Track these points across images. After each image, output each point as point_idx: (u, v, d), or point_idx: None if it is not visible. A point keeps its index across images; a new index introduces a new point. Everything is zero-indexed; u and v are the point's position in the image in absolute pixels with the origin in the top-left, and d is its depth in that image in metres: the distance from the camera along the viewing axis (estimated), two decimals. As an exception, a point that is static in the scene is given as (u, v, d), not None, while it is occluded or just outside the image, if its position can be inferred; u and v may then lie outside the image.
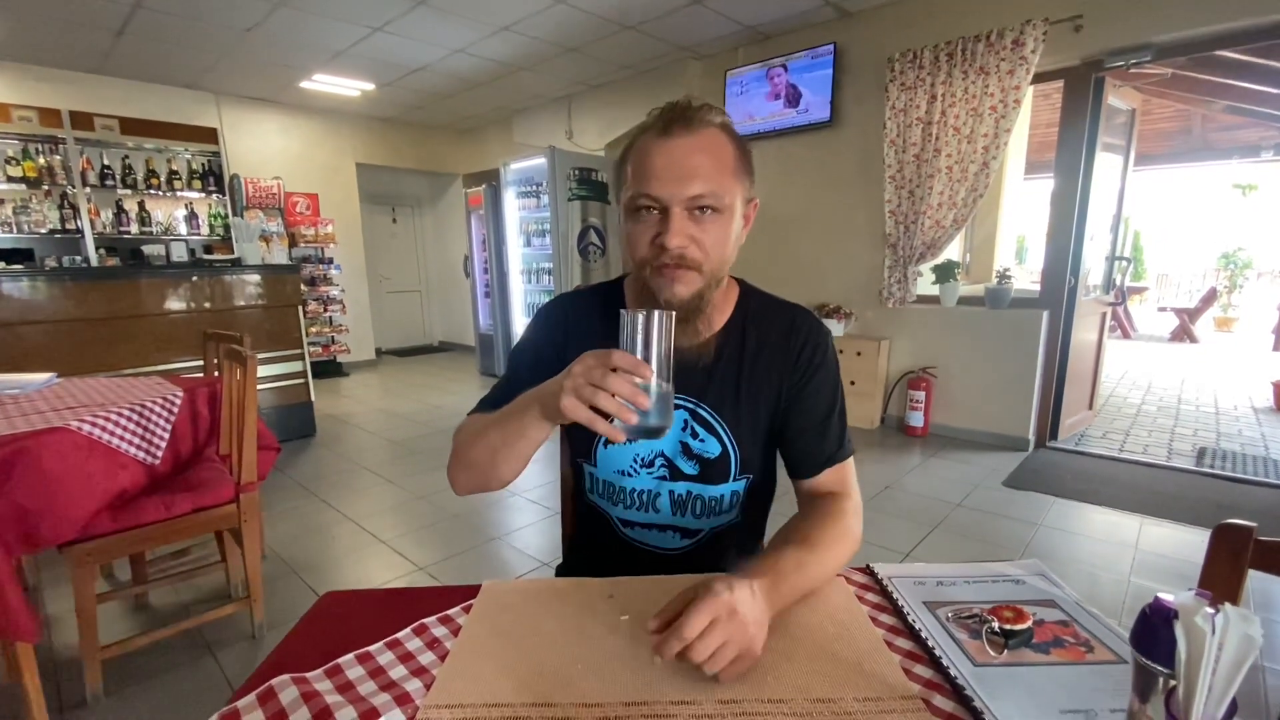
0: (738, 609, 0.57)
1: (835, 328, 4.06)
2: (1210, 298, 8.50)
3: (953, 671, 0.58)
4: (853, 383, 4.00)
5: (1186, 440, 3.77)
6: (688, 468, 0.90)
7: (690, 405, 0.89)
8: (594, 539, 1.00)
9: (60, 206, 4.64)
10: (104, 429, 1.54)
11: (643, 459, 0.91)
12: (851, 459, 0.91)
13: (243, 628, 1.89)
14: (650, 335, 0.62)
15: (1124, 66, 3.09)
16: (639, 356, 0.62)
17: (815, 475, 0.89)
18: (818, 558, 0.73)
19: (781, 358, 0.89)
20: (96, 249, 4.74)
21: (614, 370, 0.61)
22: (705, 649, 0.55)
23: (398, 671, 0.61)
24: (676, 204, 0.76)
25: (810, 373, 0.89)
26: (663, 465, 0.91)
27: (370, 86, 5.28)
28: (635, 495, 0.92)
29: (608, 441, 0.90)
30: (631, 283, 0.93)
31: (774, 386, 0.90)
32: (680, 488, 0.91)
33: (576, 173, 5.03)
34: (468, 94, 5.58)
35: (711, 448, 0.89)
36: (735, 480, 0.91)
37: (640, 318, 0.62)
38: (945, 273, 3.73)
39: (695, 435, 0.89)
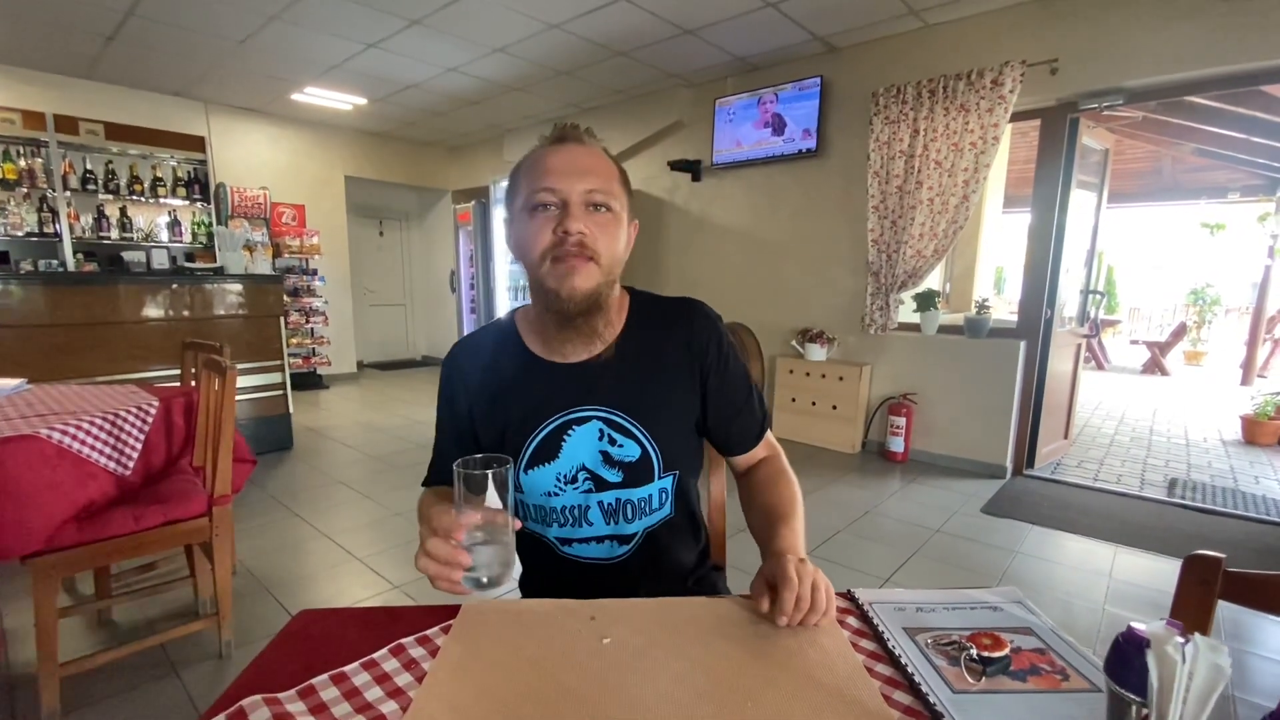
0: (805, 561, 0.73)
1: (817, 352, 4.10)
2: (1180, 332, 8.73)
3: (932, 698, 0.58)
4: (834, 407, 4.03)
5: (1158, 471, 3.85)
6: (611, 475, 0.91)
7: (603, 414, 0.90)
8: (537, 564, 1.00)
9: (39, 209, 4.56)
10: (74, 437, 1.50)
11: (565, 476, 0.91)
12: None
13: (209, 646, 1.83)
14: (472, 489, 0.67)
15: (1097, 109, 3.21)
16: (466, 510, 0.68)
17: (752, 449, 0.99)
18: (798, 515, 0.88)
19: (686, 355, 0.94)
20: (75, 253, 4.66)
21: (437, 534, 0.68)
22: (830, 601, 0.71)
23: (373, 693, 0.59)
24: (575, 195, 0.83)
25: (721, 363, 0.95)
26: (586, 479, 0.91)
27: (362, 101, 5.30)
28: (565, 513, 0.93)
29: (528, 465, 0.91)
30: (523, 313, 0.98)
31: (684, 381, 0.94)
32: (608, 496, 0.92)
33: (566, 192, 5.05)
34: (459, 112, 5.62)
35: (631, 451, 0.90)
36: (661, 478, 0.93)
37: (463, 475, 0.67)
38: (926, 301, 3.80)
39: (613, 442, 0.90)
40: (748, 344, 4.34)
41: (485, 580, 0.69)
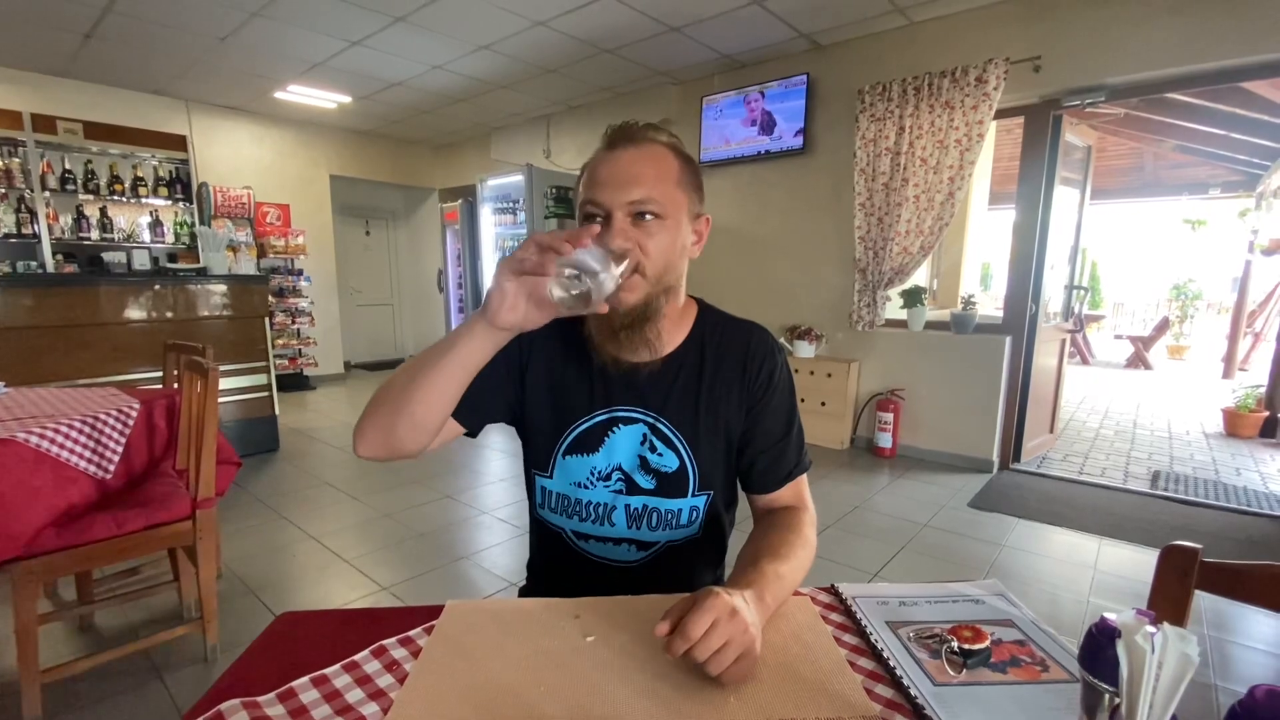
0: (738, 610, 0.60)
1: (806, 349, 4.12)
2: (1163, 327, 8.84)
3: (913, 691, 0.59)
4: (823, 404, 4.05)
5: (1142, 464, 3.90)
6: (645, 482, 0.91)
7: (650, 419, 0.90)
8: (548, 554, 0.99)
9: (17, 210, 4.48)
10: (53, 441, 1.48)
11: (600, 472, 0.91)
12: (806, 473, 0.94)
13: (194, 650, 1.81)
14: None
15: (1080, 105, 3.24)
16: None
17: (774, 491, 0.92)
18: (790, 568, 0.77)
19: (740, 375, 0.91)
20: (54, 254, 4.59)
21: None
22: (708, 647, 0.58)
23: (354, 695, 0.59)
24: (618, 208, 0.80)
25: (769, 393, 0.92)
26: (620, 479, 0.91)
27: (347, 99, 5.25)
28: (591, 508, 0.92)
29: (566, 452, 0.91)
30: None
31: (732, 403, 0.91)
32: (636, 501, 0.91)
33: (554, 191, 5.05)
34: (446, 110, 5.58)
35: (669, 461, 0.90)
36: (695, 496, 0.91)
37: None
38: (913, 298, 3.82)
39: (653, 449, 0.90)
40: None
41: (579, 292, 0.67)
